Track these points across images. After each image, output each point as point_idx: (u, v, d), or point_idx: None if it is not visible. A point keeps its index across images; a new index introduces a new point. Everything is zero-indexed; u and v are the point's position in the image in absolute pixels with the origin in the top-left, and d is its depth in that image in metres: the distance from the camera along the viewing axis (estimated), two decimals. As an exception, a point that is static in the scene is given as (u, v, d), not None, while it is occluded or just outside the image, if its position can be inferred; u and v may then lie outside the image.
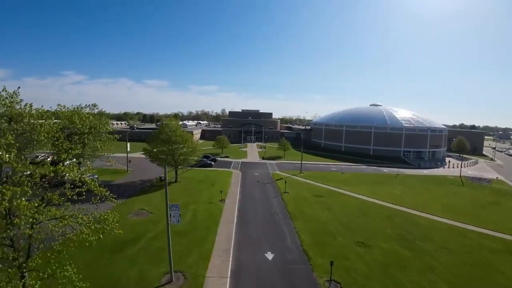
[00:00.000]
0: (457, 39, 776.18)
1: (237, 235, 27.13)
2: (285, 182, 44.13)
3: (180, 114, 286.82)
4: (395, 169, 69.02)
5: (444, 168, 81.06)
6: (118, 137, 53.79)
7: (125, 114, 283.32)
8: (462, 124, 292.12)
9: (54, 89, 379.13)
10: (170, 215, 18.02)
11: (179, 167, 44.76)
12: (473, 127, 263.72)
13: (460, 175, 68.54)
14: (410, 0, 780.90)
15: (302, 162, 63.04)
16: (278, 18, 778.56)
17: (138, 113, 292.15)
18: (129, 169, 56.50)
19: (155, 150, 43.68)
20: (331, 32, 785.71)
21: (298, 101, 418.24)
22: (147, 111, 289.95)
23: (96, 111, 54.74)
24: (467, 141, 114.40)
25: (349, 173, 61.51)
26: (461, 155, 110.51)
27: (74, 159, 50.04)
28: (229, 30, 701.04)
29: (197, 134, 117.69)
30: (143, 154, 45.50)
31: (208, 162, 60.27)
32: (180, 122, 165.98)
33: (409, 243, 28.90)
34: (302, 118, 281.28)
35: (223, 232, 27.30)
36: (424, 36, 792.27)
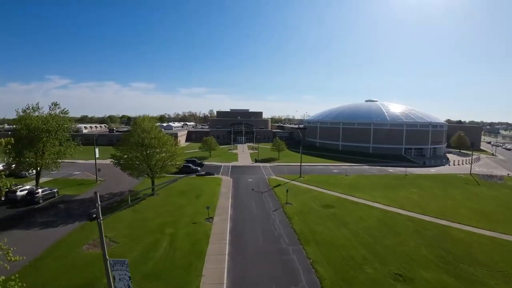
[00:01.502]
0: (440, 34, 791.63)
1: (231, 276, 19.14)
2: (287, 190, 36.42)
3: (166, 116, 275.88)
4: (402, 169, 62.81)
5: (449, 165, 75.56)
6: (79, 142, 45.09)
7: (110, 117, 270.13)
8: (449, 119, 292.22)
9: (39, 94, 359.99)
10: (114, 278, 10.07)
11: (157, 175, 36.56)
12: (459, 122, 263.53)
13: (470, 173, 63.46)
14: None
15: (299, 164, 55.68)
16: (266, 17, 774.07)
17: (123, 116, 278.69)
18: (99, 179, 47.76)
19: (125, 156, 35.34)
20: (319, 31, 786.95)
21: (288, 102, 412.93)
22: (134, 114, 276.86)
23: (57, 110, 45.94)
24: (466, 136, 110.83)
25: (354, 175, 54.61)
26: (461, 150, 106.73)
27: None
28: (217, 31, 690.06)
29: (182, 136, 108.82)
30: (111, 161, 36.94)
31: (193, 168, 52.03)
32: (165, 124, 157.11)
33: (454, 268, 22.31)
34: (291, 117, 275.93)
35: (211, 272, 19.35)
36: (404, 33, 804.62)
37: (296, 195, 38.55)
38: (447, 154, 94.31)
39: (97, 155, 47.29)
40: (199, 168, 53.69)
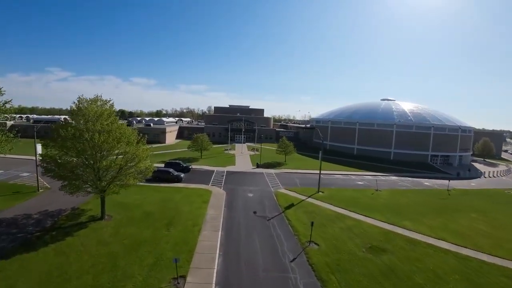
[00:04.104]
0: (437, 35, 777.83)
1: None
2: (312, 223, 22.75)
3: (164, 111, 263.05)
4: (439, 182, 50.54)
5: (485, 177, 63.15)
6: (16, 134, 32.20)
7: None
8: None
9: (39, 86, 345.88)
10: None
11: (107, 191, 23.51)
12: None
13: (519, 189, 51.51)
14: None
15: (312, 171, 43.09)
16: (267, 16, 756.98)
17: (119, 110, 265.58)
18: (43, 186, 34.93)
19: (58, 160, 22.37)
20: (319, 30, 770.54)
21: (288, 102, 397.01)
22: (133, 109, 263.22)
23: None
24: (492, 143, 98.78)
25: (386, 191, 41.72)
26: (485, 159, 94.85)
27: None
28: (217, 28, 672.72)
29: (173, 131, 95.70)
30: (39, 165, 23.93)
31: (175, 174, 38.88)
32: (156, 118, 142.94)
33: None
34: (292, 117, 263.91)
35: None
36: (403, 33, 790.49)
37: (322, 226, 25.62)
38: (472, 163, 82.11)
39: (39, 151, 34.06)
40: (182, 175, 40.37)
